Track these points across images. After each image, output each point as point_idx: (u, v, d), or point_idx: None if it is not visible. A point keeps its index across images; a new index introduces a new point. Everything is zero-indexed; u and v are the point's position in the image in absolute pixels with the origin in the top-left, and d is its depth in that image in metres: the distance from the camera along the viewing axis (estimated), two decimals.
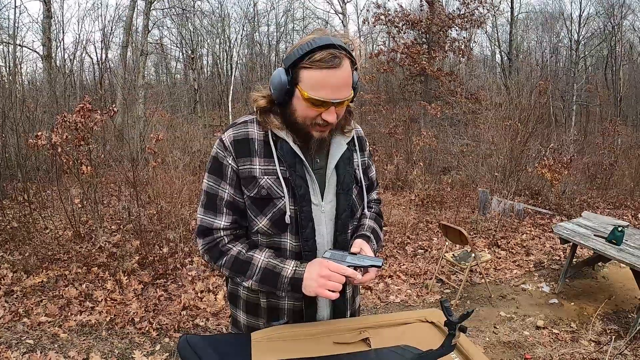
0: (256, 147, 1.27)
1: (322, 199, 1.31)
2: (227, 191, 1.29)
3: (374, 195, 1.57)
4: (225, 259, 1.29)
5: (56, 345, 3.16)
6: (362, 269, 1.25)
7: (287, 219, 1.25)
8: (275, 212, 1.26)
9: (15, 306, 3.64)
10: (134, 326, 3.51)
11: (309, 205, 1.27)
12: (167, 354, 3.16)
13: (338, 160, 1.32)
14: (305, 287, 1.22)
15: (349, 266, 1.21)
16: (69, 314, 3.60)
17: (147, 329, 3.48)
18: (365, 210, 1.45)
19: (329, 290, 1.18)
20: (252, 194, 1.26)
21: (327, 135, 1.28)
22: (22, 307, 3.63)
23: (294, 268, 1.24)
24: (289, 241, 1.30)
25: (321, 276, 1.19)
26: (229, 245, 1.29)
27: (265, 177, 1.25)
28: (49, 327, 3.39)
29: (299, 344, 1.19)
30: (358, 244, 1.31)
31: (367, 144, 1.51)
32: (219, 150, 1.29)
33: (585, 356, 3.29)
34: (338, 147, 1.33)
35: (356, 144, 1.41)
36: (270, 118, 1.26)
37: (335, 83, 1.16)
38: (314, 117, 1.21)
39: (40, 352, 3.02)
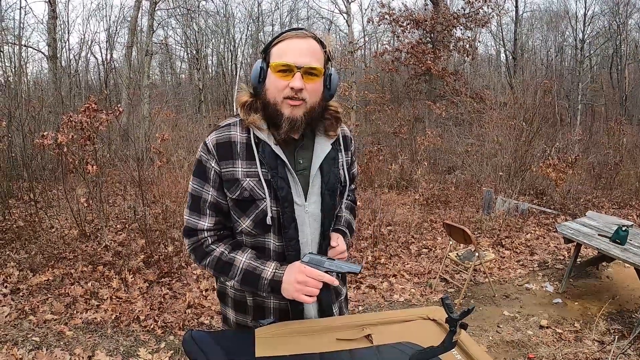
0: (238, 149, 1.28)
1: (306, 200, 1.32)
2: (210, 193, 1.30)
3: (352, 186, 1.59)
4: (208, 259, 1.32)
5: (62, 343, 3.19)
6: (339, 274, 1.27)
7: (269, 220, 1.26)
8: (258, 213, 1.27)
9: (21, 304, 3.67)
10: (139, 324, 3.53)
11: (291, 206, 1.28)
12: (172, 351, 3.18)
13: (322, 161, 1.33)
14: (283, 290, 1.25)
15: (326, 271, 1.22)
16: (75, 312, 3.63)
17: (152, 327, 3.50)
18: (344, 199, 1.52)
19: (306, 295, 1.21)
20: (234, 196, 1.28)
21: (299, 117, 1.24)
22: (28, 305, 3.66)
23: (274, 271, 1.26)
24: (272, 241, 1.31)
25: (298, 282, 1.21)
26: (213, 246, 1.32)
27: (248, 179, 1.26)
28: (54, 325, 3.42)
29: (302, 340, 1.21)
30: (335, 238, 1.37)
31: (353, 142, 1.51)
32: (203, 154, 1.30)
33: (588, 356, 3.28)
34: (322, 148, 1.34)
35: (341, 143, 1.42)
36: (252, 116, 1.27)
37: (299, 49, 1.22)
38: (283, 89, 1.22)
39: (46, 350, 3.05)
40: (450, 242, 4.74)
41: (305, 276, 1.21)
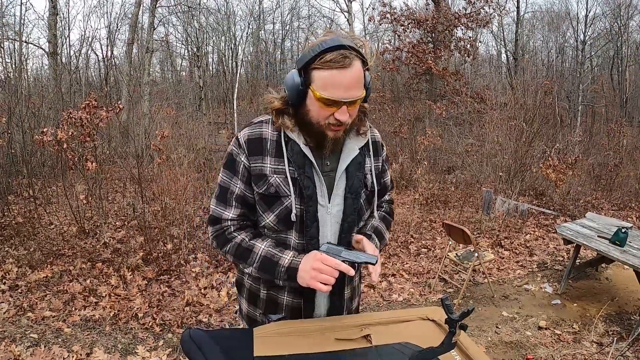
0: (268, 146, 1.31)
1: (330, 201, 1.33)
2: (238, 186, 1.34)
3: (386, 197, 1.60)
4: (229, 245, 1.35)
5: (60, 340, 3.19)
6: (356, 264, 1.27)
7: (293, 217, 1.29)
8: (282, 209, 1.30)
9: (19, 301, 3.67)
10: (137, 321, 3.53)
11: (315, 205, 1.30)
12: (170, 349, 3.18)
13: (349, 164, 1.34)
14: (299, 278, 1.26)
15: (343, 261, 1.22)
16: (73, 308, 3.63)
17: (150, 324, 3.50)
18: (375, 212, 1.47)
19: (322, 283, 1.21)
20: (261, 191, 1.31)
21: (341, 135, 1.29)
22: (26, 301, 3.65)
23: (291, 258, 1.28)
24: (293, 238, 1.33)
25: (313, 269, 1.22)
26: (235, 234, 1.35)
27: (275, 175, 1.29)
28: (53, 322, 3.41)
29: (301, 340, 1.20)
30: (357, 238, 1.35)
31: (384, 149, 1.52)
32: (234, 148, 1.34)
33: (587, 357, 3.28)
34: (350, 151, 1.36)
35: (370, 148, 1.43)
36: (283, 119, 1.30)
37: (347, 82, 1.18)
38: (327, 117, 1.24)
39: (44, 347, 3.04)
40: (450, 242, 4.73)
41: (322, 263, 1.21)
